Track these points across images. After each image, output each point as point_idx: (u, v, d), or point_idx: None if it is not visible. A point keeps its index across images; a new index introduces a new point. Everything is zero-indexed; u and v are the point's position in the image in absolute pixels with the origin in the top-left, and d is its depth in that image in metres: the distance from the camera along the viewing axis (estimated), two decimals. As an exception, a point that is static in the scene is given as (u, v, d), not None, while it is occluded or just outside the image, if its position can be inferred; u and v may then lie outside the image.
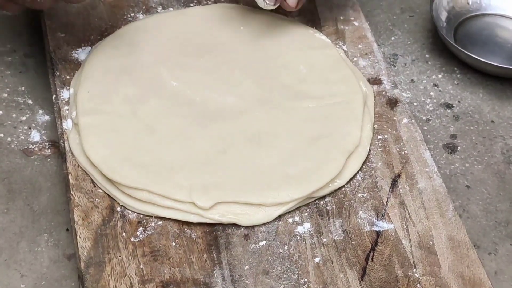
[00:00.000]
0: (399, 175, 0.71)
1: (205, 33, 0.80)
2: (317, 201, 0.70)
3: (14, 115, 0.77)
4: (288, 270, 0.65)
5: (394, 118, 0.76)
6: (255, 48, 0.79)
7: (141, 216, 0.68)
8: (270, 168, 0.70)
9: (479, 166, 0.76)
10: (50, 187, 0.72)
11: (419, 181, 0.71)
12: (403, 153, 0.73)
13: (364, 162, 0.72)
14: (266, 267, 0.65)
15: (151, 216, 0.68)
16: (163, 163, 0.70)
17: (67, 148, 0.72)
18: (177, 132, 0.72)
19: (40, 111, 0.78)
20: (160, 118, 0.73)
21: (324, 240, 0.67)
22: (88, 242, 0.65)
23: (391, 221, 0.68)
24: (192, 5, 0.85)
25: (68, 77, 0.77)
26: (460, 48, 0.83)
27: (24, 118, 0.77)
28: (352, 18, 0.85)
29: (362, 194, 0.70)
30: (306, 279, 0.64)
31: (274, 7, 0.77)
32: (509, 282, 0.69)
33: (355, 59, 0.81)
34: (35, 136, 0.76)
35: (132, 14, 0.83)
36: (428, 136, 0.78)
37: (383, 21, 0.90)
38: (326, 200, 0.70)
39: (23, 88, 0.80)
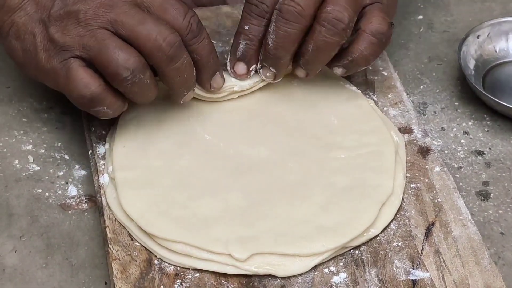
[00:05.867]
0: (433, 224, 0.72)
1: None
2: (352, 250, 0.70)
3: (51, 171, 0.79)
4: (326, 321, 0.65)
5: (426, 166, 0.76)
6: (286, 100, 0.81)
7: (178, 268, 0.68)
8: (304, 219, 0.71)
9: (513, 213, 0.77)
10: (88, 241, 0.74)
11: (453, 229, 0.71)
12: (436, 201, 0.73)
13: (398, 211, 0.73)
14: (304, 318, 0.66)
15: (188, 269, 0.68)
16: (198, 216, 0.71)
17: (104, 202, 0.73)
18: (212, 185, 0.73)
19: (77, 166, 0.79)
20: (195, 171, 0.74)
21: (361, 290, 0.67)
22: (126, 295, 0.66)
23: (427, 269, 0.68)
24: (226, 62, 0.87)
25: (103, 132, 0.79)
26: (490, 96, 0.83)
27: (61, 173, 0.79)
28: (381, 68, 0.86)
29: (397, 243, 0.70)
30: (343, 330, 0.65)
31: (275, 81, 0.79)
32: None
33: (385, 108, 0.82)
34: (72, 190, 0.77)
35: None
36: (461, 184, 0.79)
37: (411, 70, 0.91)
38: (361, 249, 0.70)
39: (59, 144, 0.81)
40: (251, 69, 0.79)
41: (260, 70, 0.79)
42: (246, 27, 0.76)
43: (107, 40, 0.70)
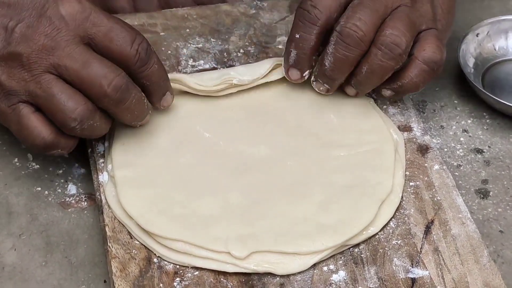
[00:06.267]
0: (432, 222, 0.72)
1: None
2: (351, 249, 0.70)
3: (51, 169, 0.79)
4: (325, 319, 0.65)
5: (426, 164, 0.76)
6: (286, 98, 0.81)
7: (178, 267, 0.68)
8: (304, 217, 0.71)
9: (512, 211, 0.77)
10: (87, 239, 0.74)
11: (452, 227, 0.71)
12: (435, 199, 0.73)
13: (397, 209, 0.73)
14: (303, 316, 0.66)
15: (188, 267, 0.68)
16: (198, 214, 0.71)
17: (104, 201, 0.73)
18: (211, 183, 0.73)
19: (76, 164, 0.79)
20: (194, 169, 0.74)
21: (360, 288, 0.67)
22: (126, 293, 0.66)
23: (426, 267, 0.68)
24: (225, 60, 0.87)
25: (103, 130, 0.79)
26: (489, 94, 0.83)
27: (60, 171, 0.79)
28: (380, 66, 0.86)
29: (396, 241, 0.70)
30: (343, 328, 0.65)
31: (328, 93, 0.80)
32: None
33: (384, 106, 0.82)
34: (72, 189, 0.77)
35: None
36: (460, 182, 0.79)
37: (411, 68, 0.91)
38: (360, 247, 0.70)
39: (59, 142, 0.81)
40: (304, 74, 0.78)
41: (314, 83, 0.79)
42: (297, 36, 0.75)
43: (52, 88, 0.68)
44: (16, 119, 0.70)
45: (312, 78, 0.79)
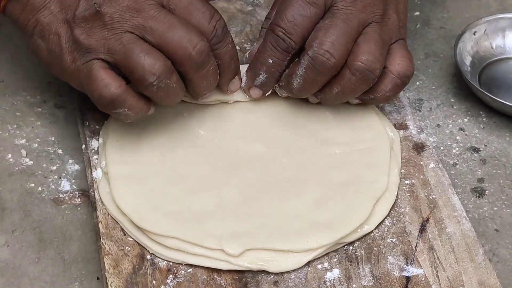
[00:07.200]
0: (427, 220, 0.71)
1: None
2: (345, 246, 0.70)
3: (44, 165, 0.78)
4: (319, 317, 0.65)
5: (421, 162, 0.76)
6: (282, 97, 0.80)
7: (171, 264, 0.68)
8: (298, 215, 0.70)
9: (508, 210, 0.76)
10: (81, 236, 0.73)
11: (447, 225, 0.71)
12: (431, 197, 0.73)
13: (392, 207, 0.72)
14: (296, 314, 0.65)
15: (181, 264, 0.68)
16: (192, 211, 0.70)
17: (97, 197, 0.73)
18: (206, 180, 0.73)
19: (70, 161, 0.79)
20: (189, 166, 0.74)
21: (354, 286, 0.67)
22: (118, 290, 0.66)
23: (421, 266, 0.68)
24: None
25: (97, 126, 0.78)
26: (485, 92, 0.83)
27: (54, 167, 0.78)
28: (377, 64, 0.86)
29: (391, 239, 0.70)
30: (336, 326, 0.64)
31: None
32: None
33: (380, 105, 0.82)
34: (66, 185, 0.77)
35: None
36: (456, 180, 0.78)
37: (408, 67, 0.90)
38: (355, 245, 0.70)
39: (53, 138, 0.81)
40: (267, 94, 0.78)
41: (277, 88, 0.78)
42: (270, 61, 0.74)
43: (132, 44, 0.69)
44: (87, 72, 0.70)
45: (277, 87, 0.78)
